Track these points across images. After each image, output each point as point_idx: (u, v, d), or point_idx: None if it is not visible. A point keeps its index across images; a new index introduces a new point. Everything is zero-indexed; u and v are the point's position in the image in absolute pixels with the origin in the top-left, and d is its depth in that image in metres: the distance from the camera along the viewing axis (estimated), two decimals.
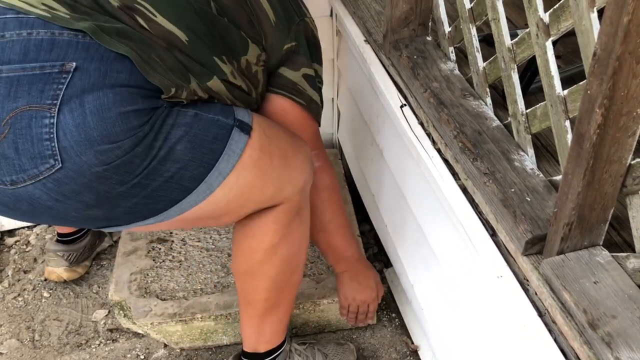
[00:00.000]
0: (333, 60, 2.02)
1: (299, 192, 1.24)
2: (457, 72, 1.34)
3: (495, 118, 1.20)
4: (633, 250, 0.91)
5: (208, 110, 1.08)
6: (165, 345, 1.70)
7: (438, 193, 1.27)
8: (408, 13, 1.39)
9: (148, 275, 1.71)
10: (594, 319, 0.84)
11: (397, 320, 1.77)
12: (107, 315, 1.80)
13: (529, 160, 1.10)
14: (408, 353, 1.68)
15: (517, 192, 1.03)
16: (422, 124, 1.35)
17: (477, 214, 1.14)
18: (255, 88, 1.24)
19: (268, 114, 1.29)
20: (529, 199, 1.02)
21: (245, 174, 1.11)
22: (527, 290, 1.01)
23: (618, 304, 0.85)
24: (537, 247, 0.97)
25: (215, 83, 1.11)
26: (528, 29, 1.01)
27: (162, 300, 1.64)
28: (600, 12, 0.78)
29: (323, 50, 1.42)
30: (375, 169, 1.78)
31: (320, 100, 1.38)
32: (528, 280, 1.00)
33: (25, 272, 1.96)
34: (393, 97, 1.46)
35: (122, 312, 1.64)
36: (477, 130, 1.17)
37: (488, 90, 1.23)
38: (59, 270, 1.84)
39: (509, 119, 1.14)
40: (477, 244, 1.13)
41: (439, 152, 1.28)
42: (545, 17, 0.96)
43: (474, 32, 1.23)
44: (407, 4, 1.37)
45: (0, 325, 1.79)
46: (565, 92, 0.94)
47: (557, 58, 0.98)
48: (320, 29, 1.43)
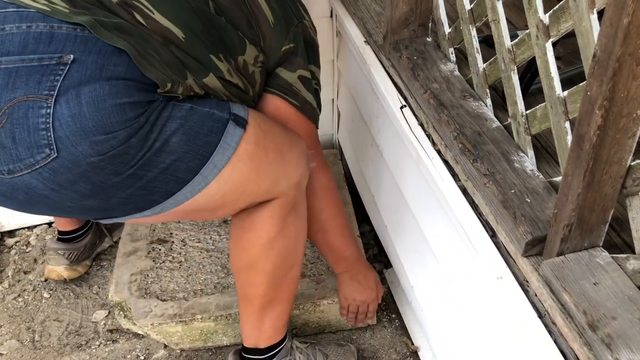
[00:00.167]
0: (333, 61, 2.02)
1: (295, 186, 1.24)
2: (457, 73, 1.34)
3: (495, 119, 1.20)
4: (633, 252, 0.91)
5: (204, 105, 1.09)
6: (165, 346, 1.70)
7: (438, 194, 1.27)
8: (408, 14, 1.39)
9: (148, 276, 1.71)
10: (594, 321, 0.84)
11: (397, 321, 1.77)
12: (107, 316, 1.80)
13: (529, 162, 1.10)
14: (408, 354, 1.68)
15: (517, 193, 1.03)
16: (422, 125, 1.35)
17: (477, 215, 1.14)
18: (253, 87, 1.25)
19: (263, 113, 1.30)
20: (529, 200, 1.02)
21: (241, 167, 1.12)
22: (527, 292, 1.01)
23: (618, 306, 0.85)
24: (537, 248, 0.97)
25: (212, 80, 1.11)
26: (528, 30, 1.01)
27: (162, 301, 1.64)
28: (600, 13, 0.78)
29: (323, 51, 1.42)
30: (375, 170, 1.78)
31: (317, 103, 1.38)
32: (528, 282, 1.00)
33: (26, 272, 1.96)
34: (393, 98, 1.46)
35: (122, 312, 1.64)
36: (477, 132, 1.17)
37: (488, 92, 1.23)
38: (59, 269, 1.84)
39: (509, 120, 1.14)
40: (477, 245, 1.13)
41: (439, 153, 1.28)
42: (545, 18, 0.96)
43: (474, 33, 1.23)
44: (407, 5, 1.37)
45: (1, 326, 1.79)
46: (565, 93, 0.94)
47: (557, 59, 0.98)
48: (320, 30, 1.43)
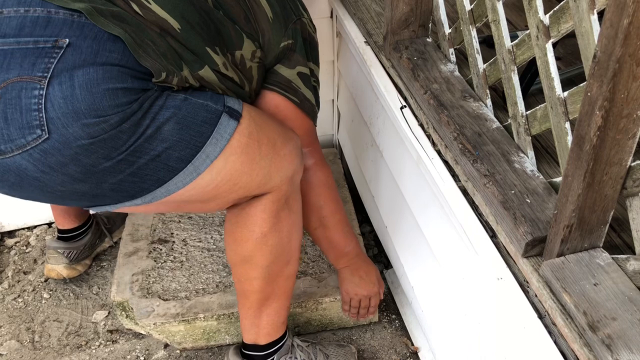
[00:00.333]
0: (333, 62, 2.02)
1: (288, 181, 1.25)
2: (457, 73, 1.34)
3: (496, 120, 1.20)
4: (633, 252, 0.91)
5: (198, 96, 1.09)
6: (165, 346, 1.70)
7: (438, 195, 1.27)
8: (408, 14, 1.39)
9: (150, 276, 1.71)
10: (594, 321, 0.84)
11: (397, 322, 1.77)
12: (107, 317, 1.80)
13: (529, 162, 1.10)
14: (408, 355, 1.68)
15: (517, 193, 1.03)
16: (422, 126, 1.35)
17: (477, 216, 1.14)
18: (249, 83, 1.25)
19: (262, 110, 1.30)
20: (529, 201, 1.02)
21: (233, 159, 1.13)
22: (527, 292, 1.01)
23: (618, 306, 0.85)
24: (537, 249, 0.97)
25: (207, 72, 1.12)
26: (528, 31, 1.01)
27: (164, 301, 1.64)
28: (601, 14, 0.78)
29: (323, 52, 1.42)
30: (375, 170, 1.78)
31: (316, 100, 1.38)
32: (528, 282, 1.00)
33: (25, 273, 1.96)
34: (393, 98, 1.46)
35: (124, 312, 1.64)
36: (477, 132, 1.17)
37: (488, 92, 1.23)
38: (59, 268, 1.84)
39: (509, 121, 1.14)
40: (477, 246, 1.13)
41: (439, 153, 1.28)
42: (546, 19, 0.96)
43: (474, 33, 1.23)
44: (407, 6, 1.37)
45: (0, 327, 1.79)
46: (566, 94, 0.94)
47: (557, 60, 0.98)
48: (321, 31, 1.43)
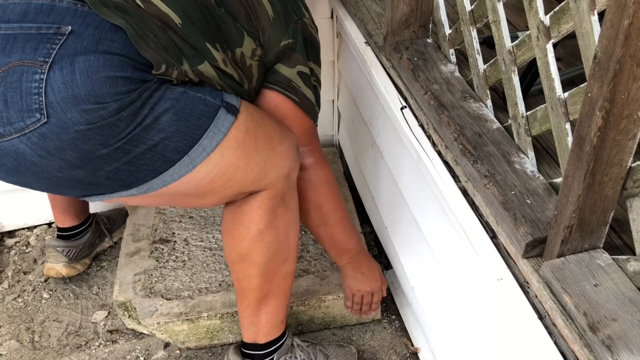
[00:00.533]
0: (333, 62, 2.02)
1: (284, 178, 1.25)
2: (457, 74, 1.34)
3: (496, 120, 1.20)
4: (633, 253, 0.91)
5: (197, 90, 1.10)
6: (165, 347, 1.70)
7: (438, 195, 1.27)
8: (408, 15, 1.39)
9: (152, 276, 1.71)
10: (594, 322, 0.84)
11: (397, 322, 1.77)
12: (107, 317, 1.80)
13: (530, 163, 1.10)
14: (408, 355, 1.68)
15: (517, 194, 1.03)
16: (422, 126, 1.35)
17: (477, 216, 1.14)
18: (249, 81, 1.26)
19: (262, 109, 1.30)
20: (529, 202, 1.01)
21: (230, 153, 1.13)
22: (527, 293, 1.01)
23: (618, 307, 0.85)
24: (537, 249, 0.97)
25: (206, 67, 1.13)
26: (529, 32, 1.01)
27: (167, 300, 1.64)
28: (601, 14, 0.78)
29: (323, 52, 1.42)
30: (375, 171, 1.78)
31: (316, 100, 1.38)
32: (528, 283, 0.99)
33: (25, 273, 1.96)
34: (393, 99, 1.46)
35: (126, 312, 1.64)
36: (477, 133, 1.17)
37: (488, 93, 1.23)
38: (58, 267, 1.84)
39: (510, 122, 1.14)
40: (477, 246, 1.13)
41: (439, 154, 1.28)
42: (546, 19, 0.96)
43: (475, 34, 1.23)
44: (407, 6, 1.37)
45: (0, 327, 1.79)
46: (566, 94, 0.94)
47: (557, 60, 0.98)
48: (321, 31, 1.43)
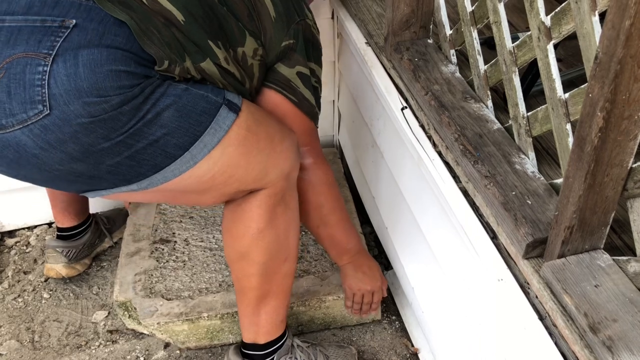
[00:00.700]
0: (334, 63, 2.02)
1: (284, 177, 1.25)
2: (458, 74, 1.34)
3: (496, 121, 1.20)
4: (634, 254, 0.91)
5: (199, 88, 1.11)
6: (165, 347, 1.70)
7: (439, 196, 1.27)
8: (409, 16, 1.39)
9: (152, 276, 1.71)
10: (595, 323, 0.84)
11: (397, 323, 1.77)
12: (107, 317, 1.80)
13: (530, 163, 1.10)
14: (408, 356, 1.68)
15: (518, 195, 1.03)
16: (422, 127, 1.35)
17: (477, 217, 1.14)
18: (250, 80, 1.26)
19: (261, 107, 1.30)
20: (530, 202, 1.01)
21: (230, 151, 1.13)
22: (527, 294, 1.01)
23: (619, 308, 0.85)
24: (537, 250, 0.97)
25: (209, 65, 1.13)
26: (529, 32, 1.01)
27: (167, 300, 1.64)
28: (602, 15, 0.78)
29: (324, 53, 1.42)
30: (376, 171, 1.78)
31: (316, 100, 1.38)
32: (529, 284, 0.99)
33: (25, 273, 1.96)
34: (394, 99, 1.46)
35: (126, 312, 1.64)
36: (478, 133, 1.17)
37: (489, 93, 1.23)
38: (58, 267, 1.84)
39: (510, 122, 1.14)
40: (477, 247, 1.13)
41: (440, 154, 1.28)
42: (547, 20, 0.96)
43: (475, 35, 1.23)
44: (408, 7, 1.37)
45: (0, 327, 1.79)
46: (567, 95, 0.94)
47: (558, 61, 0.98)
48: (322, 31, 1.43)
